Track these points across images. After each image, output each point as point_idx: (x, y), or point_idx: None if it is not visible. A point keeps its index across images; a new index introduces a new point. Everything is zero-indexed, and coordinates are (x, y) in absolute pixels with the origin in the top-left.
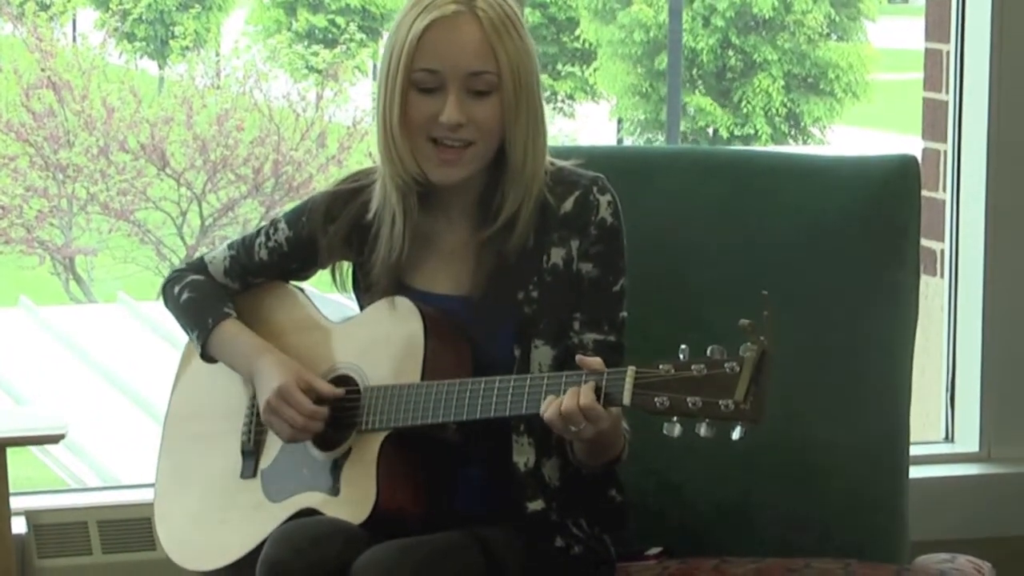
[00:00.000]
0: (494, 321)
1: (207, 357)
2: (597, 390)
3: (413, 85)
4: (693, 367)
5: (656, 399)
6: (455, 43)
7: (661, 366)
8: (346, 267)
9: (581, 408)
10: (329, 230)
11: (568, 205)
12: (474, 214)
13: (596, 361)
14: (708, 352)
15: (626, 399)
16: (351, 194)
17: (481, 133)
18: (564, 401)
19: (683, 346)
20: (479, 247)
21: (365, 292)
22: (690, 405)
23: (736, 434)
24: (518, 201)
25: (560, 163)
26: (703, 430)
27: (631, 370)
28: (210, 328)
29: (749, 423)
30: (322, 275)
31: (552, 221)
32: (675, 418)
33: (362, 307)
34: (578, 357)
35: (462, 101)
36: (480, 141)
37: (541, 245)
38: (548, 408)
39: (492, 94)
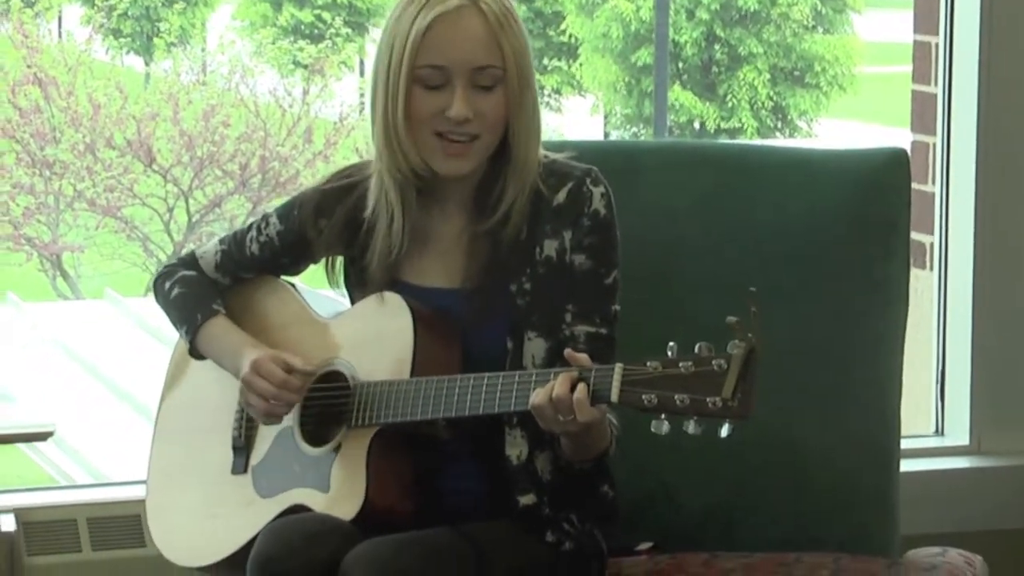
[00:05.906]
0: (487, 313)
1: (195, 354)
2: (585, 385)
3: (417, 81)
4: (681, 364)
5: (644, 396)
6: (461, 38)
7: (649, 363)
8: (339, 262)
9: (574, 400)
10: (322, 226)
11: (561, 196)
12: (471, 207)
13: (584, 357)
14: (696, 349)
15: (614, 396)
16: (344, 190)
17: (487, 126)
18: (556, 387)
19: (671, 343)
20: (472, 239)
21: (358, 287)
22: (678, 402)
23: (724, 431)
24: (516, 193)
25: (553, 155)
26: (691, 427)
27: (619, 367)
28: (199, 325)
29: (737, 420)
30: (313, 270)
31: (545, 212)
32: (663, 415)
33: (354, 302)
34: (567, 352)
35: (469, 96)
36: (485, 134)
37: (534, 237)
38: (537, 395)
39: (497, 87)
